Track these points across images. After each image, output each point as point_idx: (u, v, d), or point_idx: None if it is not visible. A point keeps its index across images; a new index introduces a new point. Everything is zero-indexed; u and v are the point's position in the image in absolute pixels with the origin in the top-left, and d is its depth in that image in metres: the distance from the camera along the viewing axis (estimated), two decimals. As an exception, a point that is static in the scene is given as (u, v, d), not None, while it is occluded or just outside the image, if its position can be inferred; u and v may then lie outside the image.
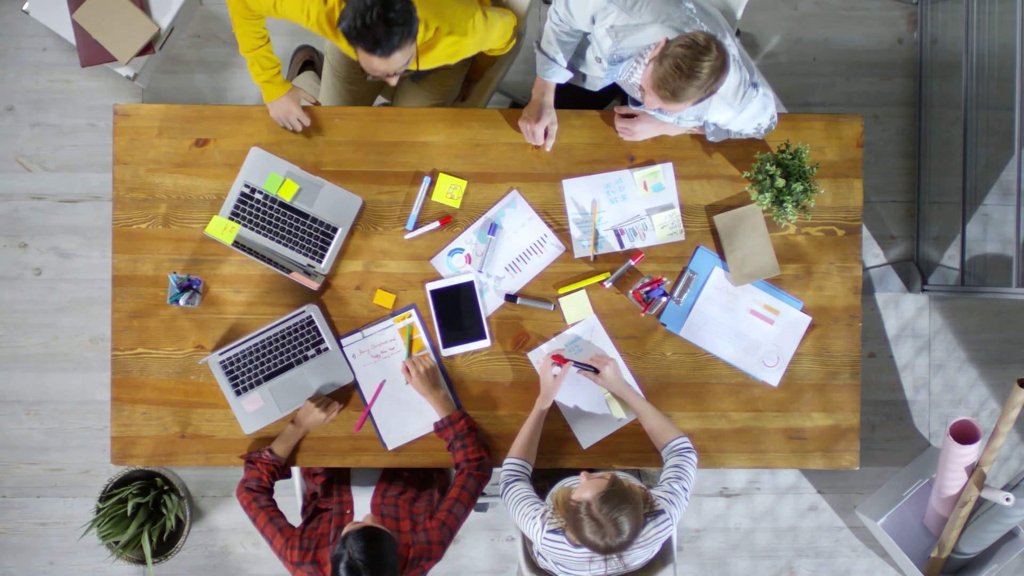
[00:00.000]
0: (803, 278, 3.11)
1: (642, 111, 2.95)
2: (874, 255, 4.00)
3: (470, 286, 3.05)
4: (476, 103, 3.45)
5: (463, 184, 3.07)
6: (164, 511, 3.71)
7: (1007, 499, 3.25)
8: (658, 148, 3.09)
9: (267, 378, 3.02)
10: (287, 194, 3.02)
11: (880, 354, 4.00)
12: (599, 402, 3.08)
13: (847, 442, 3.14)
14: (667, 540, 2.90)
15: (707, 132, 2.98)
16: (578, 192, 3.08)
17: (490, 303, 3.07)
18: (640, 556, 2.73)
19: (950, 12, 3.85)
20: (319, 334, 3.02)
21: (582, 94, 3.16)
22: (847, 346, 3.13)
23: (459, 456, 2.92)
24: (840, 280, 3.12)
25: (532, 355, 3.08)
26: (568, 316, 3.08)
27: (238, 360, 3.01)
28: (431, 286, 3.05)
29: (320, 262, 3.03)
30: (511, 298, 3.06)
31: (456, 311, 3.05)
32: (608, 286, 3.07)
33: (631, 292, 3.07)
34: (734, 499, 4.00)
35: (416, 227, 3.06)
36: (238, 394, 3.03)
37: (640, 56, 2.70)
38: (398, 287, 3.07)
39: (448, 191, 3.06)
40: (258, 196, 3.03)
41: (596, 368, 2.95)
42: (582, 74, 3.04)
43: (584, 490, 2.53)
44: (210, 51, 3.91)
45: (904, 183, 4.00)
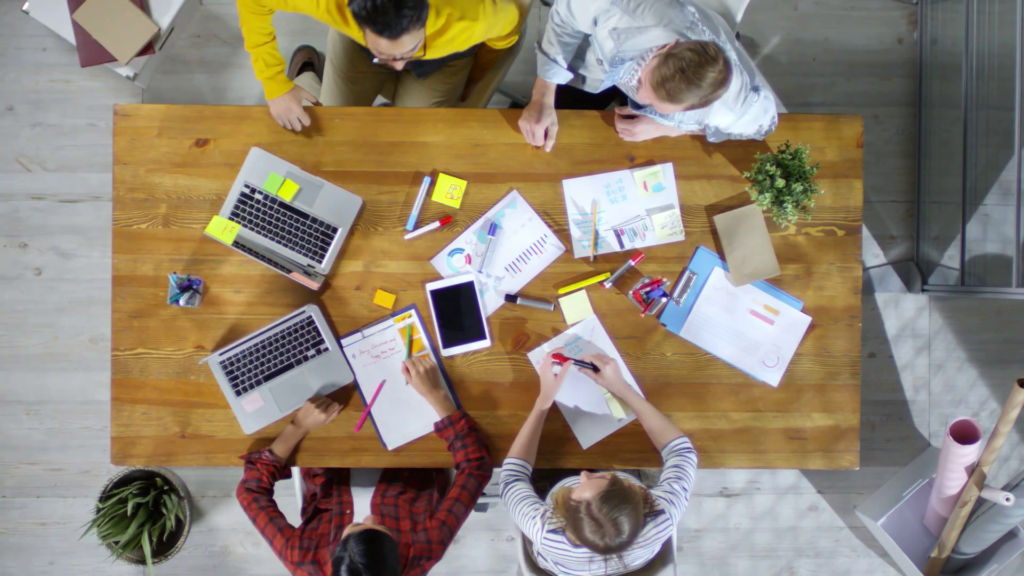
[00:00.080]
0: (803, 278, 3.11)
1: (643, 113, 2.95)
2: (874, 255, 4.00)
3: (470, 286, 3.05)
4: (476, 103, 3.45)
5: (463, 184, 3.06)
6: (164, 511, 3.70)
7: (1007, 499, 3.25)
8: (658, 148, 3.09)
9: (267, 378, 3.02)
10: (287, 194, 3.02)
11: (880, 354, 4.00)
12: (599, 402, 3.08)
13: (847, 442, 3.14)
14: (667, 540, 2.90)
15: (708, 134, 2.98)
16: (578, 192, 3.08)
17: (490, 303, 3.07)
18: (640, 556, 2.73)
19: (950, 12, 3.85)
20: (319, 334, 3.02)
21: (581, 95, 3.16)
22: (847, 346, 3.13)
23: (459, 456, 2.92)
24: (840, 280, 3.12)
25: (532, 355, 3.08)
26: (568, 316, 3.08)
27: (238, 360, 3.01)
28: (431, 286, 3.05)
29: (320, 262, 3.03)
30: (511, 298, 3.06)
31: (456, 311, 3.05)
32: (608, 286, 3.07)
33: (631, 292, 3.07)
34: (734, 499, 4.00)
35: (416, 227, 3.06)
36: (238, 394, 3.03)
37: (642, 59, 2.70)
38: (398, 287, 3.06)
39: (448, 191, 3.06)
40: (258, 196, 3.03)
41: (596, 366, 2.95)
42: (582, 76, 3.04)
43: (584, 490, 2.53)
44: (210, 51, 3.91)
45: (904, 183, 4.00)
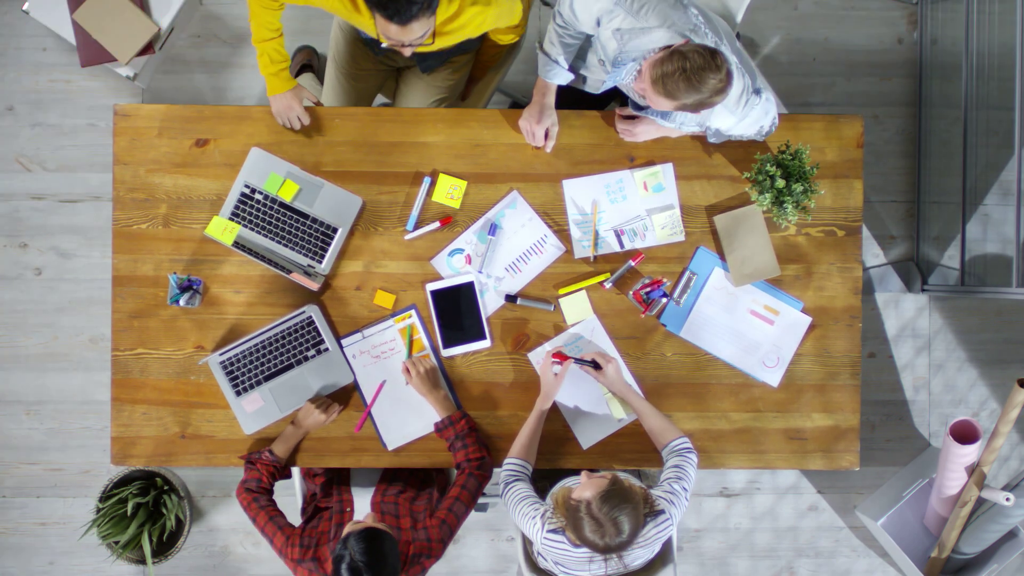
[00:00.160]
0: (803, 278, 3.11)
1: (644, 114, 2.95)
2: (874, 255, 4.00)
3: (470, 286, 3.05)
4: (476, 103, 3.45)
5: (463, 184, 3.06)
6: (164, 511, 3.70)
7: (1007, 499, 3.25)
8: (658, 148, 3.09)
9: (267, 378, 3.02)
10: (287, 194, 3.02)
11: (880, 354, 4.00)
12: (599, 402, 3.08)
13: (847, 442, 3.14)
14: (667, 540, 2.90)
15: (708, 135, 2.98)
16: (578, 192, 3.08)
17: (490, 303, 3.07)
18: (640, 556, 2.73)
19: (950, 12, 3.85)
20: (319, 334, 3.02)
21: (581, 95, 3.16)
22: (847, 346, 3.13)
23: (460, 456, 2.92)
24: (840, 280, 3.12)
25: (532, 355, 3.08)
26: (568, 317, 3.08)
27: (238, 360, 3.01)
28: (431, 286, 3.05)
29: (320, 262, 3.03)
30: (511, 298, 3.06)
31: (456, 311, 3.05)
32: (608, 287, 3.07)
33: (631, 293, 3.07)
34: (734, 499, 4.00)
35: (416, 227, 3.06)
36: (238, 394, 3.03)
37: (644, 59, 2.70)
38: (398, 287, 3.06)
39: (448, 191, 3.06)
40: (258, 196, 3.03)
41: (597, 363, 2.94)
42: (583, 76, 3.04)
43: (584, 489, 2.54)
44: (210, 51, 3.91)
45: (904, 183, 4.00)
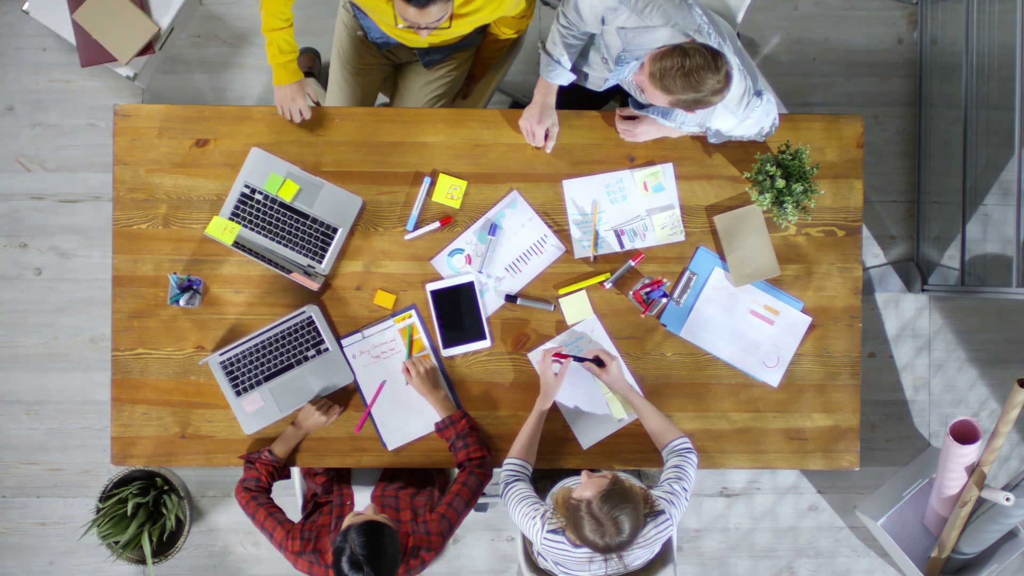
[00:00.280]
0: (803, 278, 3.11)
1: (644, 114, 2.95)
2: (874, 255, 4.00)
3: (470, 286, 3.05)
4: (477, 102, 3.45)
5: (463, 184, 3.06)
6: (164, 511, 3.70)
7: (1007, 499, 3.25)
8: (658, 148, 3.09)
9: (267, 378, 3.02)
10: (287, 194, 3.02)
11: (880, 354, 4.00)
12: (599, 402, 3.08)
13: (847, 442, 3.14)
14: (667, 540, 2.90)
15: (708, 135, 2.98)
16: (578, 192, 3.08)
17: (490, 303, 3.07)
18: (640, 556, 2.73)
19: (950, 12, 3.85)
20: (319, 334, 3.02)
21: (581, 94, 3.15)
22: (847, 346, 3.13)
23: (461, 455, 2.92)
24: (840, 280, 3.12)
25: (532, 355, 3.08)
26: (568, 317, 3.08)
27: (238, 360, 3.01)
28: (431, 286, 3.05)
29: (320, 262, 3.03)
30: (511, 299, 3.06)
31: (456, 311, 3.05)
32: (608, 287, 3.07)
33: (631, 293, 3.07)
34: (734, 499, 4.00)
35: (416, 227, 3.06)
36: (238, 394, 3.03)
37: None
38: (398, 287, 3.06)
39: (448, 191, 3.06)
40: (258, 196, 3.03)
41: (599, 359, 2.93)
42: (584, 73, 3.04)
43: (585, 489, 2.54)
44: (210, 51, 3.91)
45: (904, 183, 4.00)
